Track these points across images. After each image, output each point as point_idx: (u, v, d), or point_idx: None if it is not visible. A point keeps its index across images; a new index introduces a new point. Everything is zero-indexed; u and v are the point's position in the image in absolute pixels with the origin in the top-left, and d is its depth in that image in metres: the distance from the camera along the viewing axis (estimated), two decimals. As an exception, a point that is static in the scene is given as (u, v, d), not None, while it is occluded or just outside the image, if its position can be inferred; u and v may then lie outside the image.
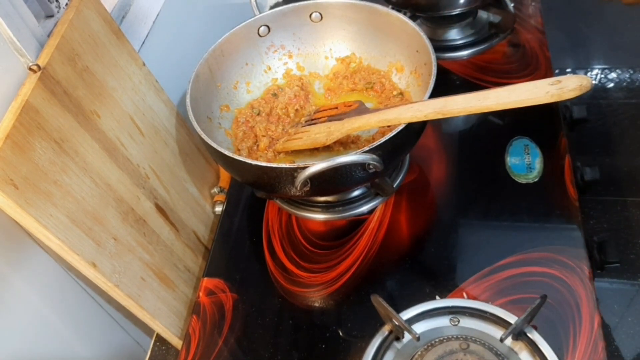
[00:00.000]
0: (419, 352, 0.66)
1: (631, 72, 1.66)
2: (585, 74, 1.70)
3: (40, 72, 0.66)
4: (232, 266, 0.84)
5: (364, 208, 0.85)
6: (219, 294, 0.81)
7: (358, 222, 0.85)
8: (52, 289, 0.72)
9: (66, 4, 0.78)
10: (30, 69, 0.67)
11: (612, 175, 1.45)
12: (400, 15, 0.86)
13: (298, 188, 0.69)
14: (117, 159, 0.77)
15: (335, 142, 0.79)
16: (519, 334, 0.66)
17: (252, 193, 0.92)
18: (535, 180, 0.83)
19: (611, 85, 1.63)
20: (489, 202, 0.84)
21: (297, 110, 0.90)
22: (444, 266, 0.78)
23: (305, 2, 0.92)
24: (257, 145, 0.86)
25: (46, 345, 0.71)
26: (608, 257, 0.79)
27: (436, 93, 0.75)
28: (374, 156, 0.68)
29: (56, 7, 0.77)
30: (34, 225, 0.62)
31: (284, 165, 0.69)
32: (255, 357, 0.74)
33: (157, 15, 0.96)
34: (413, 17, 1.08)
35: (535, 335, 0.67)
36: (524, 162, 0.85)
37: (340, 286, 0.78)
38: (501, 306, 0.70)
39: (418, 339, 0.68)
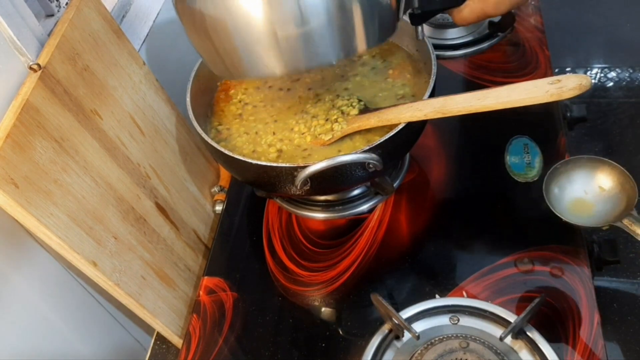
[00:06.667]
0: (419, 351, 0.67)
1: (631, 71, 1.66)
2: (585, 73, 1.70)
3: (41, 71, 0.67)
4: (233, 265, 0.84)
5: (364, 207, 0.85)
6: (219, 292, 0.81)
7: (358, 221, 0.85)
8: (53, 287, 0.73)
9: (66, 3, 0.78)
10: (30, 68, 0.67)
11: (611, 174, 1.45)
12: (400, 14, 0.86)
13: (298, 187, 0.69)
14: (117, 158, 0.78)
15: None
16: (518, 333, 0.67)
17: (252, 192, 0.92)
18: (535, 179, 0.83)
19: (611, 84, 1.63)
20: (488, 201, 0.84)
21: (297, 109, 0.90)
22: (443, 265, 0.78)
23: (305, 1, 0.92)
24: (257, 145, 0.86)
25: (46, 343, 0.71)
26: (608, 256, 0.79)
27: (436, 92, 0.75)
28: (374, 155, 0.68)
29: (56, 6, 0.77)
30: (35, 224, 0.62)
31: (284, 165, 0.69)
32: (255, 356, 0.74)
33: (157, 14, 0.96)
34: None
35: (534, 334, 0.67)
36: (524, 161, 0.85)
37: (340, 285, 0.78)
38: (501, 305, 0.70)
39: (418, 337, 0.68)
